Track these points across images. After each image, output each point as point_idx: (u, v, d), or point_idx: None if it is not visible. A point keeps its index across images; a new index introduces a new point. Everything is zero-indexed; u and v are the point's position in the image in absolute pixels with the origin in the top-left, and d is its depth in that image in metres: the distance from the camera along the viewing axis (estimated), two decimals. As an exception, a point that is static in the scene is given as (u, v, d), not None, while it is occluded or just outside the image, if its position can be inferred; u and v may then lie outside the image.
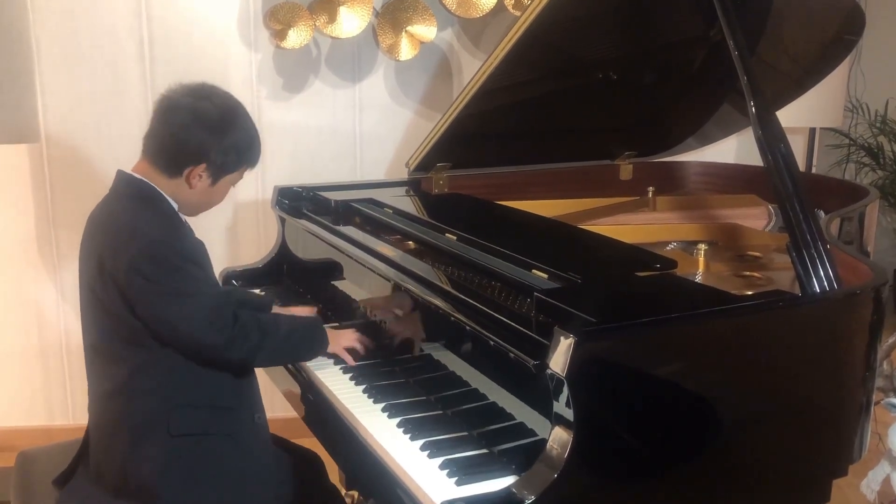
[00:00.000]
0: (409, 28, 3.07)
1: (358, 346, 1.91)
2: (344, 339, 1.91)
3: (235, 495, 1.75)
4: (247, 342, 1.72)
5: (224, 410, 1.77)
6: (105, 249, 1.70)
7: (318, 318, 2.01)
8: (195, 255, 1.72)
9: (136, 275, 1.64)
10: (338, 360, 1.94)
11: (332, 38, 3.06)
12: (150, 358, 1.70)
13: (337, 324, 2.06)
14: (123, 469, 1.72)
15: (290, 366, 2.02)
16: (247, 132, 1.79)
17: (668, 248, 2.13)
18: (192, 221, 1.85)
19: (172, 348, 1.70)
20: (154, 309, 1.66)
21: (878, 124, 4.57)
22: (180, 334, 1.68)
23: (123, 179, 1.78)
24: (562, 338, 1.29)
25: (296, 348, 1.86)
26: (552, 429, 1.32)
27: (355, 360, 1.90)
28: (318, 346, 1.87)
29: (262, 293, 2.37)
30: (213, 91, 1.77)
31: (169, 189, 1.75)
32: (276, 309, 2.06)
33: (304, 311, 2.11)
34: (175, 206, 1.77)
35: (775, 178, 1.65)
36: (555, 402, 1.31)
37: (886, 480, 2.55)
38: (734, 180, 2.85)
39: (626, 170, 2.84)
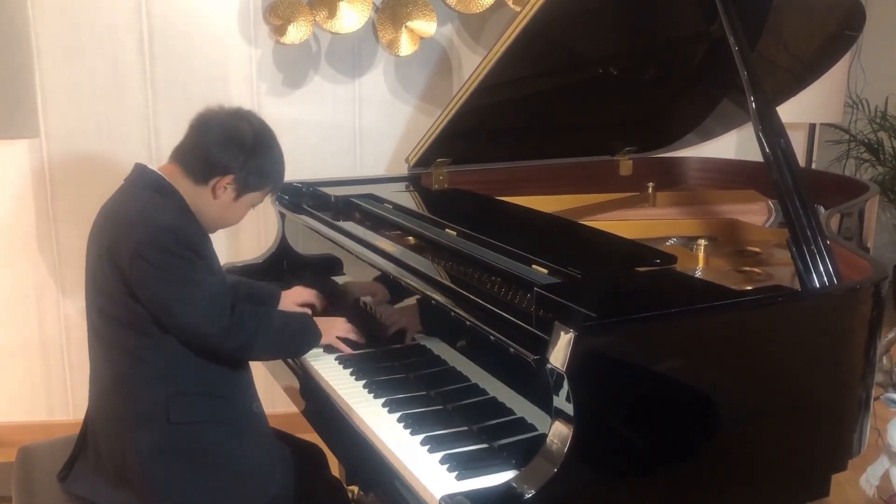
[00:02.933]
0: (408, 23, 3.07)
1: (351, 335, 1.95)
2: (336, 328, 1.94)
3: (235, 484, 1.76)
4: (243, 332, 1.76)
5: (222, 399, 1.80)
6: (110, 236, 1.73)
7: (307, 314, 2.04)
8: (200, 244, 1.75)
9: (141, 260, 1.67)
10: (338, 354, 1.95)
11: (331, 33, 3.06)
12: (151, 345, 1.73)
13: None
14: (123, 455, 1.74)
15: (290, 361, 2.02)
16: (274, 158, 1.87)
17: (667, 243, 2.13)
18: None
19: (173, 335, 1.72)
20: (156, 295, 1.69)
21: (878, 120, 4.56)
22: (180, 321, 1.71)
23: (140, 171, 1.82)
24: (562, 333, 1.29)
25: (290, 340, 1.90)
26: (552, 423, 1.33)
27: (351, 348, 1.93)
28: (311, 339, 1.90)
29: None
30: (250, 114, 1.87)
31: (190, 194, 1.79)
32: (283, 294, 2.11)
33: (300, 293, 2.14)
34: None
35: (775, 174, 1.65)
36: (555, 397, 1.32)
37: (885, 475, 2.56)
38: (734, 176, 2.85)
39: (626, 165, 2.84)
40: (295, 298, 2.13)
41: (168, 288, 1.69)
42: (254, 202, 1.88)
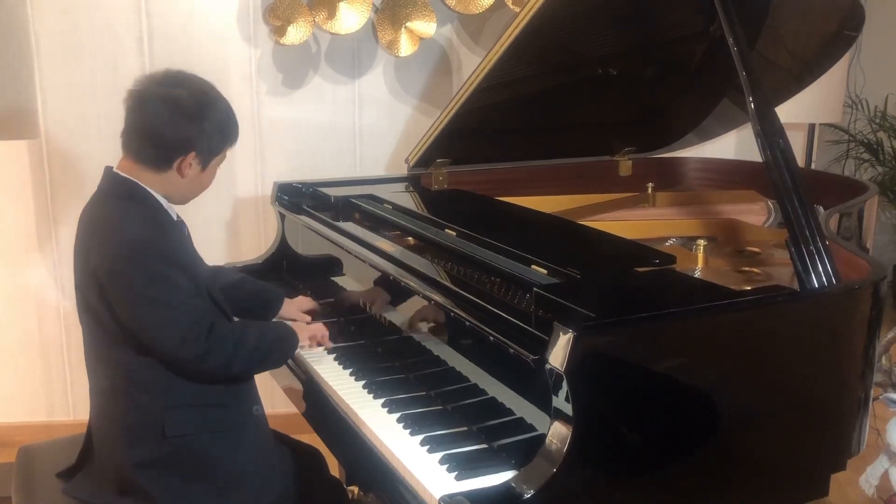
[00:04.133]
0: (408, 24, 3.07)
1: (326, 342, 1.94)
2: (309, 328, 1.93)
3: (235, 492, 1.74)
4: (221, 354, 1.70)
5: (219, 408, 1.76)
6: (91, 249, 1.69)
7: (283, 324, 1.97)
8: (180, 257, 1.70)
9: (118, 277, 1.64)
10: (337, 354, 1.95)
11: (331, 34, 3.06)
12: (141, 358, 1.69)
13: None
14: (122, 470, 1.72)
15: (290, 361, 2.02)
16: (224, 112, 1.77)
17: (667, 243, 2.13)
18: (191, 218, 1.85)
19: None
20: (132, 315, 1.65)
21: (877, 120, 4.57)
22: (158, 344, 1.66)
23: (110, 177, 1.76)
24: (561, 333, 1.29)
25: (269, 353, 1.82)
26: (551, 423, 1.33)
27: (333, 342, 1.94)
28: (289, 347, 1.86)
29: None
30: (182, 77, 1.75)
31: (157, 183, 1.73)
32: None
33: (304, 301, 2.14)
34: (163, 202, 1.75)
35: (774, 174, 1.65)
36: (554, 397, 1.32)
37: (885, 475, 2.56)
38: (734, 176, 2.85)
39: (625, 166, 2.84)
40: (300, 306, 2.11)
41: (147, 310, 1.64)
42: (220, 162, 1.82)
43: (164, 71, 1.75)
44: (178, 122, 1.69)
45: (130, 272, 1.63)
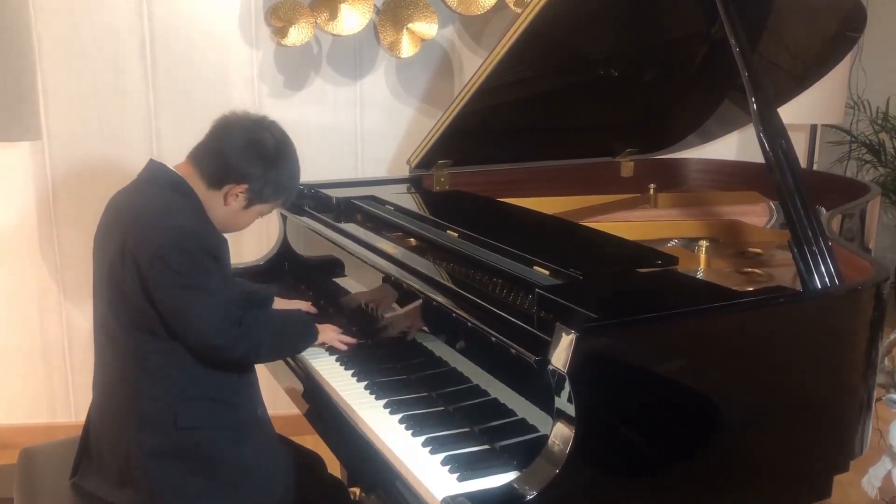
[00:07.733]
0: (410, 25, 3.07)
1: (345, 338, 1.97)
2: (330, 329, 1.97)
3: (237, 489, 1.76)
4: (249, 341, 1.76)
5: (227, 405, 1.80)
6: (130, 232, 1.71)
7: (304, 312, 2.08)
8: (219, 250, 1.75)
9: (161, 262, 1.66)
10: (339, 355, 1.95)
11: (333, 35, 3.06)
12: (160, 347, 1.72)
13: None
14: (127, 456, 1.74)
15: (292, 362, 2.03)
16: (291, 171, 1.85)
17: (669, 244, 2.13)
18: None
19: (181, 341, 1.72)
20: (171, 299, 1.69)
21: (879, 121, 4.56)
22: (191, 329, 1.70)
23: (156, 168, 1.81)
24: (563, 334, 1.29)
25: (291, 342, 1.93)
26: (554, 424, 1.33)
27: (346, 346, 1.96)
28: (309, 338, 1.93)
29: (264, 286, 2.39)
30: (274, 126, 1.84)
31: (202, 197, 1.79)
32: (277, 301, 2.14)
33: (301, 304, 2.17)
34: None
35: (776, 175, 1.65)
36: (556, 398, 1.32)
37: (887, 477, 2.55)
38: (736, 177, 2.85)
39: (627, 167, 2.84)
40: (297, 306, 2.15)
41: (183, 293, 1.68)
42: (262, 212, 1.88)
43: (262, 115, 1.85)
44: (249, 155, 1.77)
45: (174, 257, 1.67)
